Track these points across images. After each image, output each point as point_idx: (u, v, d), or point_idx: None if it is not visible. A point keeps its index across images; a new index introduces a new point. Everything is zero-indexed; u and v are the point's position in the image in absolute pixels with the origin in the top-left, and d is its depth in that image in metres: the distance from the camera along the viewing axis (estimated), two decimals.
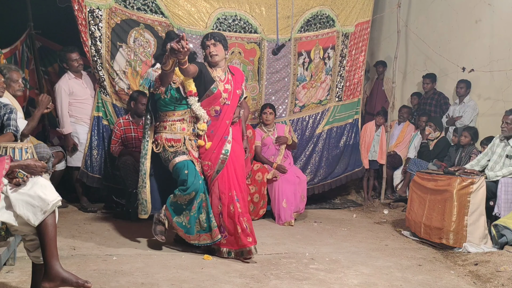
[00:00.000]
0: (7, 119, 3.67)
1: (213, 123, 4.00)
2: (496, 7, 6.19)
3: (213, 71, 4.00)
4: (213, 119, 4.00)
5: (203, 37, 4.06)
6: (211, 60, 3.98)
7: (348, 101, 6.51)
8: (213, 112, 4.00)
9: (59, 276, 2.53)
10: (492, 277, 3.62)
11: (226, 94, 4.00)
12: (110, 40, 5.11)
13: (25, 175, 2.52)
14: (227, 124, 4.01)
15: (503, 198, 4.62)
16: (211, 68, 4.01)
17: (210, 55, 3.96)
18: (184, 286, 3.24)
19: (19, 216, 2.48)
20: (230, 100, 4.02)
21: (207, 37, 3.99)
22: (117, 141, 5.24)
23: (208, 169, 3.98)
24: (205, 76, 3.95)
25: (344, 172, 6.49)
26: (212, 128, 4.00)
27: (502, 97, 6.03)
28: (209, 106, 4.00)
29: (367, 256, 4.20)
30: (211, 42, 3.95)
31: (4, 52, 4.84)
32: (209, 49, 3.96)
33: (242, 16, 5.68)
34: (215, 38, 3.96)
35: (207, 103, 3.99)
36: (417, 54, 7.46)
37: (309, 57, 6.15)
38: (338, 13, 6.20)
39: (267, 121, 5.66)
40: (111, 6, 5.02)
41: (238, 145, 4.11)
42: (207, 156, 3.99)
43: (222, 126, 4.00)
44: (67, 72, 5.37)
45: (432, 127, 6.61)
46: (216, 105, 4.00)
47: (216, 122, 4.00)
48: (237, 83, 4.10)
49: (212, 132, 3.99)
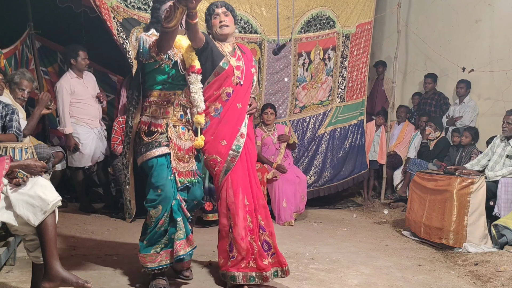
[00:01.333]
0: (9, 120, 3.67)
1: (225, 109, 3.18)
2: (496, 7, 6.19)
3: (220, 46, 3.23)
4: (224, 104, 3.19)
5: (211, 5, 3.28)
6: (220, 32, 3.22)
7: (351, 101, 6.50)
8: (224, 95, 3.19)
9: (59, 276, 2.53)
10: (492, 277, 3.62)
11: (239, 71, 3.22)
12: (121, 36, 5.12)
13: (25, 175, 2.52)
14: (239, 109, 3.21)
15: (503, 198, 4.62)
16: (218, 42, 3.25)
17: (221, 25, 3.20)
18: (184, 286, 3.24)
19: (19, 216, 2.48)
20: (243, 80, 3.26)
21: (217, 5, 3.24)
22: (118, 139, 5.24)
23: (215, 165, 3.17)
24: (213, 49, 3.15)
25: (350, 174, 6.47)
26: (225, 117, 3.18)
27: (502, 97, 6.03)
28: (220, 87, 3.19)
29: (367, 256, 4.20)
30: (222, 10, 3.23)
31: (4, 52, 4.84)
32: (220, 17, 3.21)
33: (243, 16, 5.69)
34: (227, 7, 3.25)
35: (217, 84, 3.19)
36: (417, 54, 7.46)
37: (309, 58, 6.15)
38: (338, 14, 6.20)
39: (268, 121, 5.66)
40: (113, 4, 5.02)
41: (252, 142, 3.33)
42: (214, 148, 3.16)
43: (235, 112, 3.19)
44: (68, 71, 5.35)
45: (432, 127, 6.61)
46: (227, 85, 3.19)
47: (226, 106, 3.18)
48: (249, 61, 3.36)
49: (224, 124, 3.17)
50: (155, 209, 3.02)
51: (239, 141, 3.18)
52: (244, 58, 3.30)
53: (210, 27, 3.30)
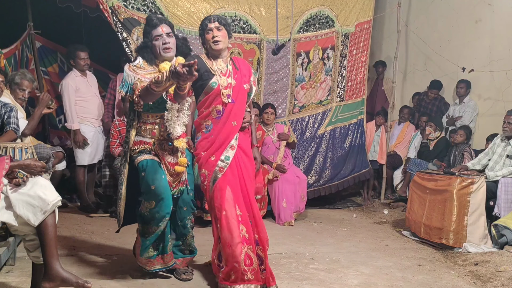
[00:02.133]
0: (7, 118, 3.66)
1: (215, 127, 3.19)
2: (496, 7, 6.19)
3: (212, 63, 3.23)
4: (214, 121, 3.19)
5: (204, 19, 3.27)
6: (213, 47, 3.19)
7: (350, 101, 6.50)
8: (214, 113, 3.20)
9: (59, 276, 2.53)
10: (492, 277, 3.62)
11: (229, 90, 3.20)
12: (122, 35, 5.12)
13: (25, 175, 2.52)
14: (233, 126, 3.19)
15: (503, 198, 4.62)
16: (211, 59, 3.25)
17: (213, 41, 3.18)
18: (184, 286, 3.24)
19: (19, 216, 2.48)
20: (235, 98, 3.22)
21: (210, 20, 3.22)
22: (115, 142, 5.28)
23: (204, 179, 3.19)
24: (201, 71, 3.14)
25: (351, 173, 6.47)
26: (213, 133, 3.19)
27: (502, 97, 6.03)
28: (210, 106, 3.20)
29: (367, 256, 4.20)
30: (215, 25, 3.18)
31: (4, 52, 4.84)
32: (212, 33, 3.18)
33: (242, 16, 5.69)
34: (219, 21, 3.21)
35: (208, 102, 3.20)
36: (417, 54, 7.46)
37: (307, 58, 6.14)
38: (337, 13, 6.20)
39: (268, 120, 5.66)
40: (114, 4, 5.02)
41: (247, 156, 3.27)
42: (203, 163, 3.19)
43: (225, 129, 3.18)
44: (73, 70, 5.42)
45: (432, 127, 6.61)
46: (217, 104, 3.19)
47: (218, 125, 3.18)
48: (243, 77, 3.30)
49: (212, 137, 3.19)
50: (148, 202, 3.13)
51: (228, 152, 3.17)
52: (237, 75, 3.27)
53: (204, 42, 3.29)
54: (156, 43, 3.21)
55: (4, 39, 5.06)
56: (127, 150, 3.28)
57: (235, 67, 3.31)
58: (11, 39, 5.29)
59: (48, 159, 4.28)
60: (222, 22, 3.22)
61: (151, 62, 3.24)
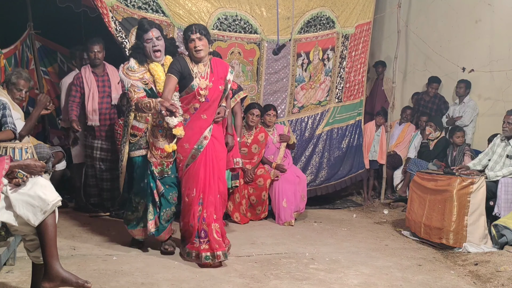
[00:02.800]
0: (2, 116, 3.64)
1: (192, 120, 3.81)
2: (496, 7, 6.19)
3: (194, 66, 3.79)
4: (191, 115, 3.81)
5: (186, 29, 3.81)
6: (196, 55, 3.75)
7: (348, 102, 6.50)
8: (192, 109, 3.81)
9: (59, 276, 2.53)
10: (492, 277, 3.62)
11: (206, 91, 3.77)
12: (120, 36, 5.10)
13: (25, 175, 2.52)
14: (204, 119, 3.79)
15: (503, 198, 4.62)
16: (193, 62, 3.80)
17: (195, 49, 3.73)
18: (184, 286, 3.24)
19: (19, 216, 2.48)
20: (210, 98, 3.80)
21: (192, 30, 3.74)
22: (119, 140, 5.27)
23: (179, 162, 3.83)
24: (185, 73, 3.75)
25: (348, 174, 6.47)
26: (189, 125, 3.79)
27: (502, 97, 6.03)
28: (189, 103, 3.80)
29: (367, 256, 4.20)
30: (197, 36, 3.72)
31: (4, 52, 4.84)
32: (194, 43, 3.72)
33: (243, 16, 5.68)
34: (200, 32, 3.74)
35: (187, 101, 3.79)
36: (417, 54, 7.46)
37: (308, 58, 6.14)
38: (338, 14, 6.19)
39: (270, 122, 5.65)
40: (113, 4, 5.01)
41: (219, 142, 3.92)
42: (180, 148, 3.79)
43: (200, 122, 3.79)
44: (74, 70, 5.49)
45: (433, 127, 6.61)
46: (195, 102, 3.79)
47: (195, 119, 3.80)
48: (219, 79, 3.84)
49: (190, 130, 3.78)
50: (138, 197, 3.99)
51: (202, 142, 3.79)
52: (214, 77, 3.82)
53: (187, 48, 3.84)
54: (147, 46, 3.75)
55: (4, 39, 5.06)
56: (126, 131, 3.96)
57: (211, 69, 3.84)
58: (11, 39, 5.29)
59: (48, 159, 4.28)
60: (203, 32, 3.76)
61: (142, 62, 3.79)
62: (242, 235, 4.70)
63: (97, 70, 5.23)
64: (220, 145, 3.93)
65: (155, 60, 3.79)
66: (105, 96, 5.22)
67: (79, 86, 5.15)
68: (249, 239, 4.54)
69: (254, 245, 4.38)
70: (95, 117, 5.16)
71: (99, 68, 5.25)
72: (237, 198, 5.30)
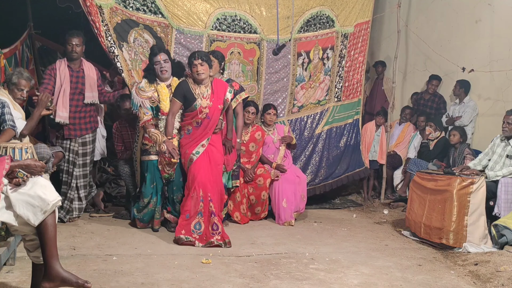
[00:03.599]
0: (1, 114, 3.61)
1: (193, 131, 4.51)
2: (496, 7, 6.19)
3: (196, 88, 4.48)
4: (194, 128, 4.52)
5: (190, 56, 4.52)
6: (197, 78, 4.44)
7: (347, 101, 6.50)
8: (194, 123, 4.51)
9: (59, 276, 2.53)
10: (492, 277, 3.62)
11: (207, 109, 4.48)
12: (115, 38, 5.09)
13: (25, 175, 2.52)
14: (205, 131, 4.51)
15: (503, 198, 4.62)
16: (195, 84, 4.49)
17: (197, 73, 4.42)
18: (184, 286, 3.24)
19: (19, 216, 2.48)
20: (211, 115, 4.49)
21: (195, 57, 4.43)
22: (118, 145, 5.32)
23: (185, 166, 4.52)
24: (188, 96, 4.47)
25: (345, 172, 6.48)
26: (191, 136, 4.50)
27: (502, 97, 6.03)
28: (192, 118, 4.49)
29: (367, 256, 4.20)
30: (199, 62, 4.41)
31: (4, 52, 4.83)
32: (197, 68, 4.41)
33: (242, 16, 5.68)
34: (202, 58, 4.42)
35: (190, 117, 4.50)
36: (417, 54, 7.46)
37: (308, 58, 6.14)
38: (338, 13, 6.19)
39: (271, 121, 5.65)
40: (112, 5, 5.00)
41: (216, 149, 4.58)
42: (183, 155, 4.52)
43: (200, 134, 4.50)
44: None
45: (432, 127, 6.61)
46: (197, 118, 4.49)
47: (196, 131, 4.51)
48: (218, 99, 4.54)
49: (191, 138, 4.50)
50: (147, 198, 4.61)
51: (199, 149, 4.48)
52: (214, 98, 4.52)
53: (190, 70, 4.50)
54: (156, 67, 4.51)
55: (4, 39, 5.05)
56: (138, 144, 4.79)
57: (212, 91, 4.53)
58: (11, 39, 5.28)
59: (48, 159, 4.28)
60: (204, 58, 4.44)
61: (152, 81, 4.54)
62: (242, 235, 4.70)
63: (73, 65, 4.92)
64: (217, 151, 4.59)
65: (162, 77, 4.54)
66: (76, 93, 4.89)
67: (53, 76, 4.82)
68: (249, 239, 4.54)
69: (254, 245, 4.38)
70: (64, 114, 4.81)
71: (76, 63, 4.94)
72: (237, 197, 5.30)
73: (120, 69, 5.06)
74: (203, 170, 4.40)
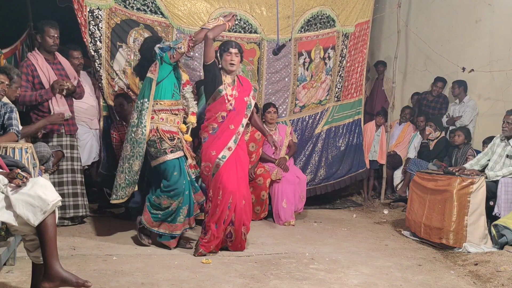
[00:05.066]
0: (8, 119, 3.65)
1: (220, 129, 4.02)
2: (496, 7, 6.18)
3: (224, 76, 4.05)
4: (219, 124, 4.02)
5: (226, 42, 4.12)
6: (229, 68, 4.03)
7: (346, 101, 6.50)
8: (220, 118, 4.02)
9: (59, 276, 2.53)
10: (492, 277, 3.62)
11: (232, 99, 4.03)
12: (110, 40, 5.09)
13: (25, 176, 2.52)
14: (231, 129, 4.02)
15: (503, 198, 4.61)
16: (223, 73, 4.07)
17: (230, 63, 4.01)
18: (184, 286, 3.24)
19: (19, 216, 2.48)
20: (236, 106, 4.04)
21: (232, 45, 4.04)
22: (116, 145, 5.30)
23: (209, 170, 3.99)
24: (216, 75, 4.01)
25: (348, 173, 6.46)
26: (218, 135, 4.01)
27: (502, 97, 6.03)
28: (216, 112, 4.02)
29: (367, 256, 4.20)
30: (235, 51, 4.02)
31: (4, 52, 4.83)
32: (231, 57, 4.01)
33: (242, 16, 5.68)
34: (239, 50, 4.06)
35: (214, 109, 4.03)
36: (417, 54, 7.46)
37: (309, 57, 6.14)
38: (338, 13, 6.20)
39: (272, 120, 5.65)
40: (111, 6, 5.01)
41: (243, 152, 4.15)
42: (207, 156, 3.99)
43: (226, 131, 4.01)
44: None
45: (432, 127, 6.61)
46: (222, 110, 4.01)
47: (221, 128, 4.02)
48: (245, 91, 4.13)
49: (218, 138, 4.01)
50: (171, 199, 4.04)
51: (225, 152, 3.97)
52: (240, 89, 4.10)
53: (220, 58, 4.05)
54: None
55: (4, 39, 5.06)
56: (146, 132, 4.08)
57: (239, 82, 4.14)
58: (11, 39, 5.29)
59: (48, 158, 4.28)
60: (241, 50, 4.08)
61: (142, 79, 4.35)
62: None
63: (49, 57, 4.69)
64: (243, 154, 4.15)
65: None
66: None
67: (30, 75, 4.49)
68: (249, 239, 4.53)
69: (254, 245, 4.38)
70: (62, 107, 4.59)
71: (51, 55, 4.71)
72: None
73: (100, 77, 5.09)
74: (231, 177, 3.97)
